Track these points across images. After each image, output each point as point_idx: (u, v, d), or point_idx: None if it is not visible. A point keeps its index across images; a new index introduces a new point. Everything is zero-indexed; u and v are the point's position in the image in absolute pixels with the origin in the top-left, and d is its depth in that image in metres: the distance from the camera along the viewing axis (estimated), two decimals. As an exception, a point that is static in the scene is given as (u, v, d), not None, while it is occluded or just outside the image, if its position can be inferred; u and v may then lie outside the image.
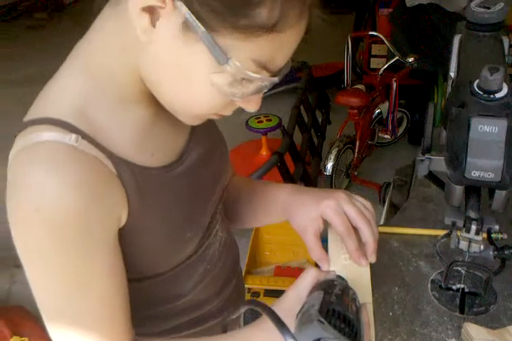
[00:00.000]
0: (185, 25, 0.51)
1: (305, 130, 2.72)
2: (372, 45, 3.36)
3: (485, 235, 0.76)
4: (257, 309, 0.54)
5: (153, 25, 0.53)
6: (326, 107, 3.19)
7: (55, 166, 0.54)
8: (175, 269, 0.73)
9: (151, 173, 0.64)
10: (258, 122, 2.73)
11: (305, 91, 2.76)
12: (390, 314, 0.78)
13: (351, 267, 0.73)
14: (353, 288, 0.65)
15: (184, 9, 0.50)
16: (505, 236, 0.77)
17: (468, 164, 0.69)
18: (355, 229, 0.72)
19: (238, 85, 0.56)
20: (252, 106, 0.62)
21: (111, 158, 0.59)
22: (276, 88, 3.46)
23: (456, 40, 0.84)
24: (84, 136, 0.57)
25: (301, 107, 2.72)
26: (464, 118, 0.70)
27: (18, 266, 0.58)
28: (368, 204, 0.76)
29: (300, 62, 3.03)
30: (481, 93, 0.71)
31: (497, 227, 0.77)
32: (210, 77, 0.55)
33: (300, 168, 2.49)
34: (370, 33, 2.67)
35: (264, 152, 2.84)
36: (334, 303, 0.57)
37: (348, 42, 2.67)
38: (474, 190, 0.73)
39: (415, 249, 0.79)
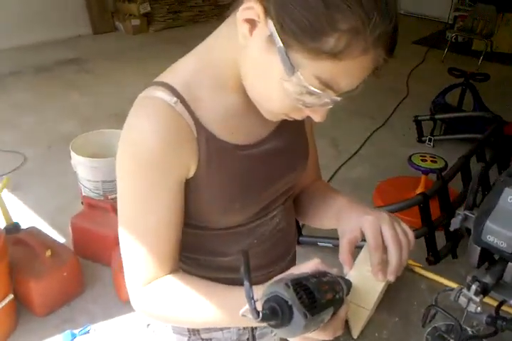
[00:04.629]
0: (270, 39, 0.68)
1: (467, 183, 2.63)
2: None
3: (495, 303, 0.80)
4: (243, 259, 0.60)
5: (251, 33, 0.70)
6: (505, 168, 3.01)
7: (153, 116, 0.77)
8: (223, 230, 0.90)
9: (224, 146, 0.82)
10: (421, 160, 2.73)
11: (483, 144, 2.66)
12: (376, 335, 0.86)
13: (369, 278, 0.83)
14: (343, 286, 0.73)
15: (271, 26, 0.67)
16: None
17: (486, 227, 0.73)
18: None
19: (305, 95, 0.70)
20: (316, 117, 0.76)
21: (196, 123, 0.79)
22: (458, 134, 3.37)
23: None
24: (183, 101, 0.78)
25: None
26: (502, 185, 0.75)
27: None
28: (409, 232, 0.82)
29: (492, 114, 2.91)
30: (535, 170, 0.75)
31: None
32: (281, 83, 0.70)
33: (444, 218, 2.40)
34: None
35: (419, 191, 2.83)
36: (311, 283, 0.63)
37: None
38: (489, 254, 0.77)
39: (440, 297, 0.85)
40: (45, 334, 2.07)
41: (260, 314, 0.56)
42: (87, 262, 2.39)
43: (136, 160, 0.78)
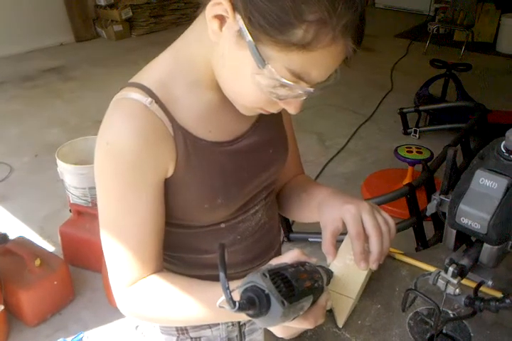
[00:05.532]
0: (239, 33, 0.68)
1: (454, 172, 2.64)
2: None
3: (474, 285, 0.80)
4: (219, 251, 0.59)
5: (220, 29, 0.70)
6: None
7: (128, 116, 0.76)
8: (206, 228, 0.90)
9: (202, 144, 0.82)
10: (407, 151, 2.74)
11: (467, 133, 2.67)
12: (359, 322, 0.85)
13: (352, 267, 0.83)
14: (322, 274, 0.74)
15: (240, 21, 0.67)
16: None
17: (460, 210, 0.74)
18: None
19: (278, 88, 0.71)
20: (291, 109, 0.76)
21: (173, 123, 0.79)
22: (443, 124, 3.39)
23: None
24: (158, 101, 0.78)
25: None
26: (474, 168, 0.75)
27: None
28: (390, 220, 0.83)
29: (475, 103, 2.93)
30: (504, 151, 0.76)
31: (490, 283, 0.79)
32: (253, 77, 0.71)
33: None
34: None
35: (406, 182, 2.84)
36: (289, 272, 0.64)
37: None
38: (465, 236, 0.77)
39: (420, 282, 0.85)
40: (38, 344, 2.05)
41: (237, 304, 0.56)
42: (78, 269, 2.38)
43: (113, 161, 0.78)
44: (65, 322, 2.16)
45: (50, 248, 2.54)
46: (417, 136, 3.59)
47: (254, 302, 0.59)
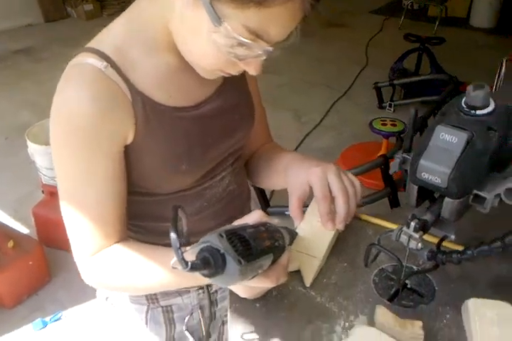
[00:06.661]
0: None
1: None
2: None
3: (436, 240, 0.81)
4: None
5: None
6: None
7: (82, 82, 0.74)
8: (170, 195, 0.89)
9: (162, 109, 0.80)
10: (382, 124, 2.75)
11: (440, 105, 2.69)
12: (324, 280, 0.86)
13: (319, 228, 0.84)
14: (284, 234, 0.74)
15: None
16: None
17: (420, 165, 0.74)
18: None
19: (236, 47, 0.69)
20: (251, 70, 0.75)
21: (131, 87, 0.77)
22: (417, 97, 3.41)
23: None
24: (114, 65, 0.76)
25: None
26: (434, 124, 0.75)
27: None
28: (356, 181, 0.83)
29: (448, 76, 2.94)
30: (464, 106, 0.75)
31: (453, 237, 0.80)
32: (210, 35, 0.69)
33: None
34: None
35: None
36: (247, 232, 0.64)
37: (501, 66, 2.53)
38: (427, 193, 0.78)
39: (385, 240, 0.85)
40: (15, 325, 2.04)
41: (189, 263, 0.56)
42: (53, 250, 2.36)
43: (67, 129, 0.76)
44: (42, 303, 2.15)
45: (24, 230, 2.51)
46: (392, 109, 3.61)
47: (208, 262, 0.58)
